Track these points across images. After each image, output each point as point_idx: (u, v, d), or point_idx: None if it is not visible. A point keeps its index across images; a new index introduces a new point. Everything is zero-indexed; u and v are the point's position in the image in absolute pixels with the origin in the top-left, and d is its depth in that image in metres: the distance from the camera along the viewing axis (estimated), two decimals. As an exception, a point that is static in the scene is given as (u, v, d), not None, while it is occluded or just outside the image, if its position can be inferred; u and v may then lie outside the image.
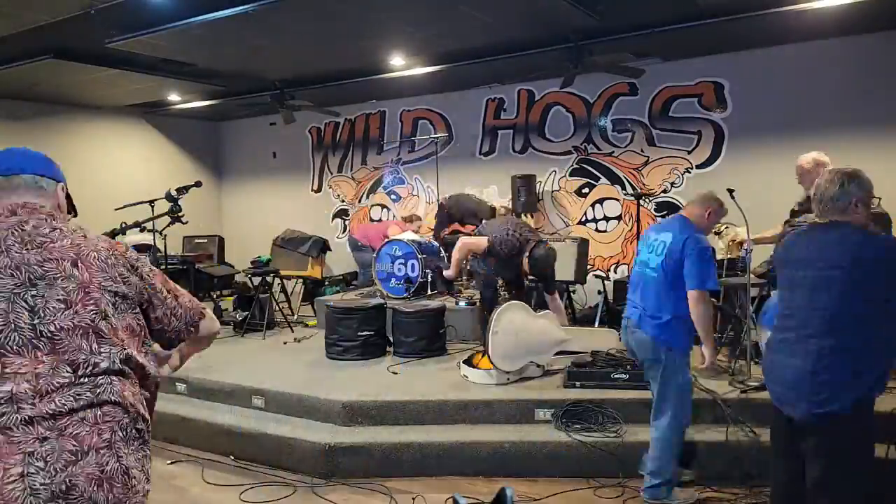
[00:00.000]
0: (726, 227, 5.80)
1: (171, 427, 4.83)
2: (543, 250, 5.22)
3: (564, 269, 6.41)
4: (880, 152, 6.19)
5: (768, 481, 3.74)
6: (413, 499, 3.76)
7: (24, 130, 8.38)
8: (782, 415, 2.51)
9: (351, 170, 9.69)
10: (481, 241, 5.30)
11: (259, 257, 8.02)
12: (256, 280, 6.98)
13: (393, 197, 9.32)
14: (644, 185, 7.41)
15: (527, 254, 5.20)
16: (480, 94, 8.41)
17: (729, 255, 5.63)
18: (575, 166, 7.88)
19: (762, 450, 3.83)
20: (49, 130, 8.65)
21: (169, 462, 4.43)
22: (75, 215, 1.84)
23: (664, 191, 7.34)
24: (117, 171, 9.36)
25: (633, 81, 7.28)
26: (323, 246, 8.18)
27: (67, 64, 6.42)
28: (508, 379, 4.59)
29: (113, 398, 1.51)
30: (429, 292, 6.61)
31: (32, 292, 1.50)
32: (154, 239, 6.87)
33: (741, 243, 5.49)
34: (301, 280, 8.25)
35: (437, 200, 8.06)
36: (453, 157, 8.61)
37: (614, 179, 7.63)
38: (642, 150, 7.44)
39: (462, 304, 6.21)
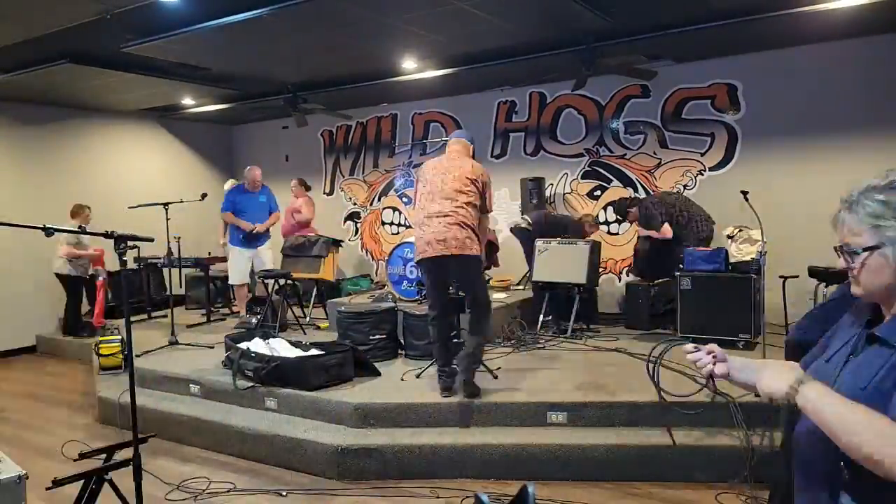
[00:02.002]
0: (740, 230, 5.78)
1: (185, 428, 4.87)
2: None
3: (576, 272, 6.39)
4: (894, 153, 6.13)
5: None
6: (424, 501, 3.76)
7: (41, 134, 8.48)
8: None
9: (363, 173, 9.72)
10: None
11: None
12: (268, 283, 7.02)
13: (405, 200, 9.34)
14: (656, 187, 7.38)
15: None
16: (492, 97, 8.41)
17: (742, 258, 5.61)
18: (587, 169, 7.86)
19: (777, 453, 3.81)
20: (65, 134, 8.74)
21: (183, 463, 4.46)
22: None
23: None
24: (132, 174, 9.44)
25: (646, 83, 7.26)
26: (333, 242, 8.17)
27: (83, 68, 6.49)
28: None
29: None
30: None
31: None
32: (168, 241, 6.95)
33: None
34: (314, 284, 8.26)
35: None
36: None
37: (626, 182, 7.60)
38: (655, 153, 7.41)
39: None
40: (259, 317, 6.77)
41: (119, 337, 6.25)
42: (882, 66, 6.15)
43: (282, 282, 7.12)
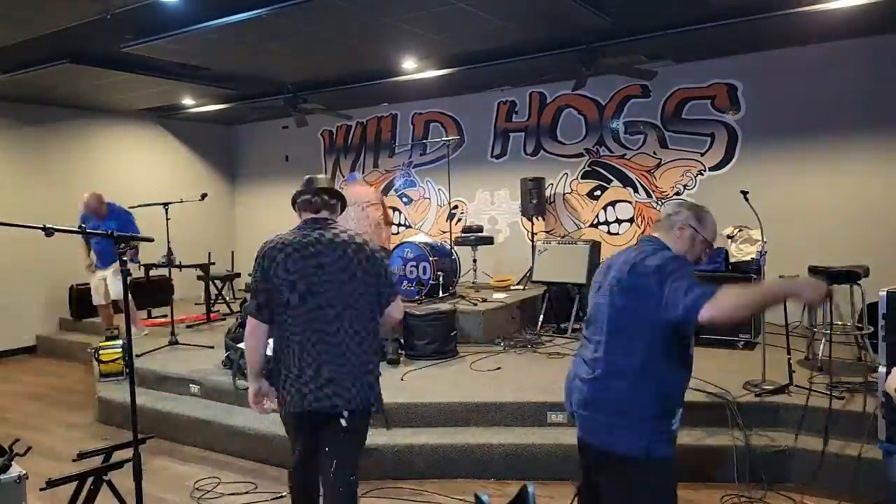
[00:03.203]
0: (740, 230, 5.78)
1: (185, 428, 4.87)
2: None
3: (576, 272, 6.39)
4: (894, 154, 6.14)
5: (785, 484, 3.75)
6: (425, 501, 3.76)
7: (41, 134, 8.48)
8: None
9: (363, 173, 9.71)
10: None
11: None
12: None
13: (405, 200, 9.34)
14: (656, 187, 7.38)
15: None
16: (492, 97, 8.41)
17: (742, 258, 5.61)
18: (587, 169, 7.86)
19: (776, 453, 3.82)
20: (64, 134, 8.74)
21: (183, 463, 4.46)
22: None
23: (677, 193, 7.30)
24: (131, 174, 9.44)
25: (646, 83, 7.26)
26: None
27: (83, 68, 6.49)
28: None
29: None
30: (440, 294, 6.62)
31: None
32: (168, 243, 6.94)
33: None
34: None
35: (449, 202, 8.07)
36: (465, 159, 8.62)
37: (626, 182, 7.60)
38: (655, 153, 7.41)
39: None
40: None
41: (120, 342, 6.17)
42: (882, 66, 6.15)
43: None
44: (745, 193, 4.38)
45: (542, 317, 6.68)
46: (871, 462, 3.51)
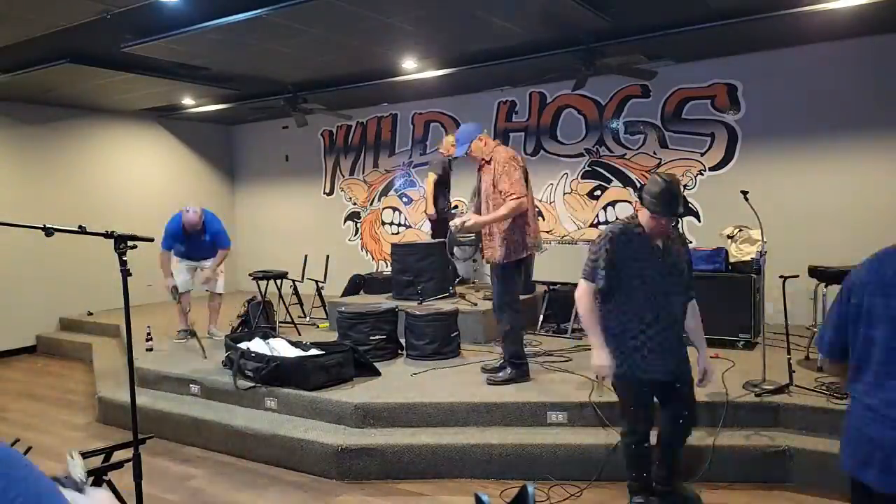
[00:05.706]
0: (740, 230, 5.78)
1: (185, 428, 4.87)
2: None
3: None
4: (894, 154, 6.14)
5: (785, 483, 3.74)
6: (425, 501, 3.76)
7: (40, 134, 8.48)
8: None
9: (363, 173, 9.72)
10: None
11: None
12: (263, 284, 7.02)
13: (404, 200, 9.34)
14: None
15: None
16: (492, 97, 8.41)
17: (742, 258, 5.61)
18: (587, 169, 7.86)
19: (776, 453, 3.82)
20: (64, 134, 8.74)
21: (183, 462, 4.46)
22: None
23: (677, 193, 7.29)
24: (131, 174, 9.44)
25: (646, 83, 7.26)
26: None
27: (83, 68, 6.49)
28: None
29: None
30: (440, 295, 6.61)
31: None
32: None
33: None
34: (315, 283, 8.25)
35: (449, 203, 8.05)
36: (464, 159, 8.59)
37: (626, 182, 7.60)
38: (655, 153, 7.41)
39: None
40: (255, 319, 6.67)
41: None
42: (882, 65, 6.15)
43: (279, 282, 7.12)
44: (744, 193, 4.38)
45: (541, 317, 6.67)
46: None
